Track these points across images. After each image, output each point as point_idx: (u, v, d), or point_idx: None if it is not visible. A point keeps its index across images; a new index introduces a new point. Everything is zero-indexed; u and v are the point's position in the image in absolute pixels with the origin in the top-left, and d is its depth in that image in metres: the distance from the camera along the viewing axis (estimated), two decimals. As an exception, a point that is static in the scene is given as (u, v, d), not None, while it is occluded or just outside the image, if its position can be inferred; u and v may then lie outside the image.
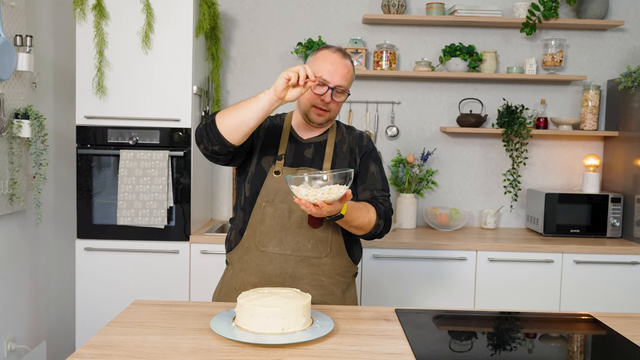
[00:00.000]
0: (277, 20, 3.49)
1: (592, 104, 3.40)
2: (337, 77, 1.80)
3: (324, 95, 1.80)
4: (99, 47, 2.88)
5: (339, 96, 1.83)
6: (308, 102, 1.84)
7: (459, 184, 3.56)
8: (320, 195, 1.56)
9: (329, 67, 1.81)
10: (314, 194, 1.56)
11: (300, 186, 1.59)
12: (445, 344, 1.54)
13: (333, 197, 1.57)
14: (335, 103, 1.84)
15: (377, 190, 1.91)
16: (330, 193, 1.56)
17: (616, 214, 3.21)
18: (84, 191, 2.94)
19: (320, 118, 1.85)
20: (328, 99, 1.81)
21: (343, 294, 1.90)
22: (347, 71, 1.83)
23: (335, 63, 1.82)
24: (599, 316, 1.77)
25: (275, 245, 1.82)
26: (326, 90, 1.80)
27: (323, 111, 1.84)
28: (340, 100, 1.85)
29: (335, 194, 1.57)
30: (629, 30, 3.52)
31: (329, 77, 1.80)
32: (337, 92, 1.82)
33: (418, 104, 3.53)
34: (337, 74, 1.80)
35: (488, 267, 2.97)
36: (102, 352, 1.37)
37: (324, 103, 1.82)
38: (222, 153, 1.75)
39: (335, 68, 1.81)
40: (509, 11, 3.49)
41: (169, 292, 2.93)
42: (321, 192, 1.56)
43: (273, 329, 1.45)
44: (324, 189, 1.57)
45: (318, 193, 1.56)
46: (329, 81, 1.80)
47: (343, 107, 3.48)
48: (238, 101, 3.53)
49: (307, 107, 1.84)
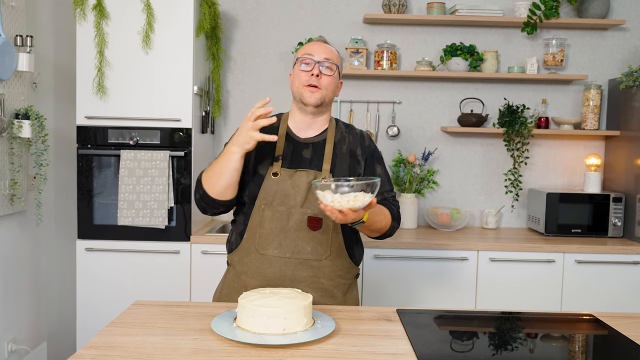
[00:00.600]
0: (278, 20, 3.49)
1: (594, 104, 3.39)
2: (321, 52, 1.85)
3: (312, 69, 1.82)
4: (100, 47, 2.88)
5: (328, 70, 1.84)
6: (299, 84, 1.84)
7: (460, 184, 3.56)
8: (345, 203, 1.56)
9: (312, 47, 1.87)
10: (340, 200, 1.57)
11: (326, 192, 1.59)
12: (447, 344, 1.53)
13: (359, 204, 1.57)
14: (326, 77, 1.84)
15: (387, 191, 1.93)
16: (356, 201, 1.57)
17: (618, 214, 3.20)
18: (85, 191, 2.94)
19: (313, 96, 1.83)
20: (316, 72, 1.82)
21: (344, 296, 1.89)
22: (330, 50, 1.88)
23: (318, 45, 1.87)
24: (601, 316, 1.76)
25: (275, 248, 1.81)
26: (314, 65, 1.82)
27: (315, 87, 1.83)
28: (330, 74, 1.84)
29: (361, 202, 1.57)
30: (630, 29, 3.51)
31: (314, 52, 1.84)
32: (324, 66, 1.83)
33: (419, 103, 3.53)
34: (321, 50, 1.85)
35: (489, 267, 2.97)
36: (103, 353, 1.37)
37: (314, 78, 1.82)
38: (230, 206, 1.85)
39: (319, 47, 1.86)
40: (509, 11, 3.49)
41: (170, 293, 2.93)
42: (347, 199, 1.56)
43: (274, 330, 1.44)
44: (350, 196, 1.57)
45: (344, 200, 1.56)
46: (314, 55, 1.84)
47: (344, 107, 3.49)
48: (238, 101, 3.52)
49: (300, 88, 1.84)
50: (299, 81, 1.84)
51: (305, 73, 1.83)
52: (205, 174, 1.83)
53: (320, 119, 1.90)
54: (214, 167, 1.80)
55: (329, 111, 1.93)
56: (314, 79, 1.82)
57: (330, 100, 1.89)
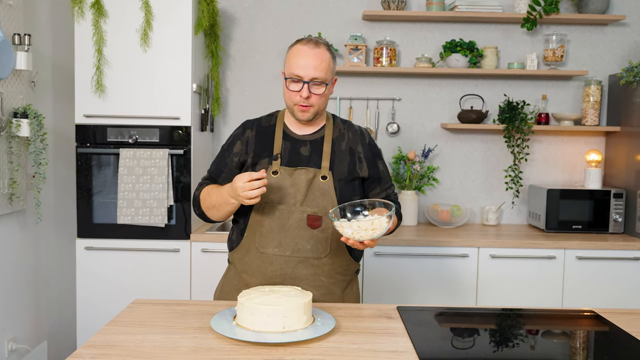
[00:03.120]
0: (277, 17, 3.48)
1: (594, 99, 3.38)
2: (310, 70, 1.76)
3: (300, 91, 1.78)
4: (98, 45, 2.87)
5: (317, 88, 1.78)
6: (290, 101, 1.82)
7: (461, 181, 3.55)
8: (364, 233, 1.60)
9: (300, 61, 1.77)
10: (360, 232, 1.60)
11: (342, 222, 1.61)
12: (448, 341, 1.53)
13: (377, 234, 1.61)
14: (316, 96, 1.79)
15: (389, 187, 1.97)
16: (375, 230, 1.60)
17: (618, 210, 3.20)
18: (84, 190, 2.94)
19: (304, 114, 1.81)
20: (305, 94, 1.77)
21: (343, 292, 1.89)
22: (320, 61, 1.77)
23: (307, 56, 1.76)
24: (602, 312, 1.76)
25: (275, 247, 1.81)
26: (302, 86, 1.77)
27: (305, 107, 1.79)
28: (320, 92, 1.79)
29: (379, 232, 1.61)
30: (630, 24, 3.50)
31: (302, 72, 1.76)
32: (314, 84, 1.78)
33: (419, 100, 3.52)
34: (310, 67, 1.76)
35: (490, 264, 2.96)
36: (103, 352, 1.36)
37: (303, 99, 1.78)
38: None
39: (308, 62, 1.76)
40: (509, 6, 3.48)
41: (170, 291, 2.93)
42: (364, 228, 1.59)
43: (274, 328, 1.44)
44: (367, 225, 1.59)
45: (362, 231, 1.60)
46: (302, 76, 1.76)
47: (343, 104, 3.49)
48: (237, 99, 3.50)
49: (291, 105, 1.82)
50: (289, 99, 1.82)
51: (295, 93, 1.79)
52: (203, 199, 1.90)
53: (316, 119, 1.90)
54: (212, 200, 1.85)
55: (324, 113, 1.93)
56: (303, 100, 1.78)
57: (324, 108, 1.88)
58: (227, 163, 1.92)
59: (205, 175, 1.98)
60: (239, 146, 1.90)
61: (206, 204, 1.87)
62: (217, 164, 1.95)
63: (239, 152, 1.90)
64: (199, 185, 1.95)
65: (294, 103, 1.80)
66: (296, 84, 1.78)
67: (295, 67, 1.77)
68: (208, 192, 1.87)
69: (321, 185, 1.81)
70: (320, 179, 1.82)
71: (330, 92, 1.86)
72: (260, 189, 1.67)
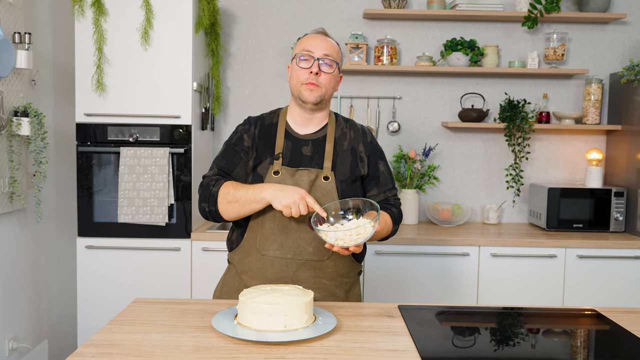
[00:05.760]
0: (277, 15, 3.48)
1: (595, 98, 3.38)
2: (321, 48, 1.79)
3: (311, 67, 1.78)
4: (98, 43, 2.87)
5: (328, 68, 1.79)
6: (298, 81, 1.80)
7: (461, 179, 3.55)
8: (349, 240, 1.58)
9: (311, 41, 1.81)
10: (344, 238, 1.58)
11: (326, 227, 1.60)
12: (449, 340, 1.53)
13: (361, 239, 1.59)
14: (326, 75, 1.79)
15: (389, 190, 1.92)
16: (359, 236, 1.58)
17: (619, 208, 3.19)
18: (85, 189, 2.93)
19: (312, 94, 1.78)
20: (315, 69, 1.77)
21: (346, 294, 1.88)
22: (331, 45, 1.82)
23: (318, 38, 1.82)
24: (603, 311, 1.75)
25: (276, 249, 1.78)
26: (313, 62, 1.78)
27: (314, 85, 1.78)
28: (329, 72, 1.79)
29: (363, 237, 1.58)
30: (632, 23, 3.50)
31: (314, 48, 1.79)
32: (324, 63, 1.79)
33: (419, 99, 3.52)
34: (321, 45, 1.79)
35: (491, 263, 2.96)
36: (103, 351, 1.36)
37: (313, 76, 1.77)
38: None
39: (319, 42, 1.81)
40: (510, 5, 3.47)
41: (171, 290, 2.93)
42: (349, 233, 1.57)
43: (275, 327, 1.43)
44: (352, 230, 1.57)
45: (347, 237, 1.58)
46: (314, 52, 1.78)
47: (344, 102, 3.48)
48: (237, 98, 3.49)
49: (298, 86, 1.80)
50: (297, 79, 1.80)
51: (304, 70, 1.78)
52: (223, 195, 1.76)
53: (319, 114, 1.87)
54: (239, 194, 1.75)
55: (328, 106, 1.90)
56: (313, 77, 1.77)
57: (330, 96, 1.86)
58: (242, 157, 1.85)
59: (213, 172, 1.85)
60: (248, 140, 1.86)
61: (228, 197, 1.75)
62: (228, 159, 1.85)
63: (248, 147, 1.86)
64: (212, 181, 1.81)
65: (302, 82, 1.79)
66: (306, 61, 1.79)
67: (306, 44, 1.81)
68: (233, 186, 1.77)
69: (323, 187, 1.79)
70: (323, 180, 1.80)
71: (337, 81, 1.87)
72: (301, 211, 1.66)
